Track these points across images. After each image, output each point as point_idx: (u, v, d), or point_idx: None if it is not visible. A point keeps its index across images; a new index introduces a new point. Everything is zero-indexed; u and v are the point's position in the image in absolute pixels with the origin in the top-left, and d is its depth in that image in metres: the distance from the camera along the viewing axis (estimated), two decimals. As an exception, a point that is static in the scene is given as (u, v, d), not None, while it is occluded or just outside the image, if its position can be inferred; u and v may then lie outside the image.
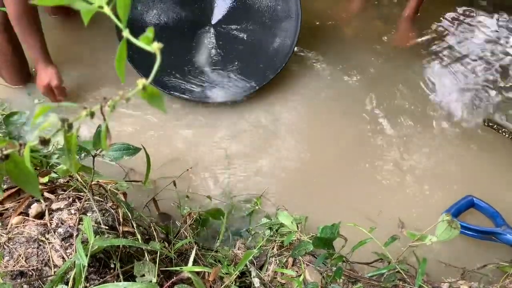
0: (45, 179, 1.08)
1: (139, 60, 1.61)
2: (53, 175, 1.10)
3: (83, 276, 0.83)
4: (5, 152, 0.43)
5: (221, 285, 1.06)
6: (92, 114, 0.40)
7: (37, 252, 0.92)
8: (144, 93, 0.38)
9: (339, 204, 1.49)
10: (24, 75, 1.81)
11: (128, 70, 1.68)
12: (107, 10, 0.38)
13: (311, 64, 1.92)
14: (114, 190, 1.18)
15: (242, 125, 1.70)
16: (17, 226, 0.96)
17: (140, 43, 0.36)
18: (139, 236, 1.04)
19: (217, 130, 1.69)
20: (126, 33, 0.37)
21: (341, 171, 1.58)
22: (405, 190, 1.52)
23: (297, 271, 1.17)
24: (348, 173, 1.58)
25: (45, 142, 0.41)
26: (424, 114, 1.74)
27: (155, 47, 0.35)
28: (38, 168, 1.14)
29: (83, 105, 0.41)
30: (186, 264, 1.05)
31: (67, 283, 0.84)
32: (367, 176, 1.56)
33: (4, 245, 0.93)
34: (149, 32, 0.35)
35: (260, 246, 1.26)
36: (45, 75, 1.63)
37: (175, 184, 1.39)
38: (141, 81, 0.37)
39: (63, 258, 0.92)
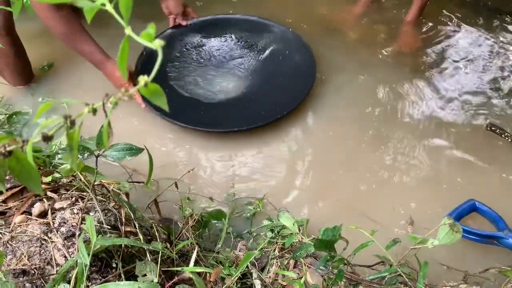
0: (48, 179, 1.08)
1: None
2: (56, 174, 1.10)
3: (85, 275, 0.83)
4: (8, 149, 0.43)
5: (222, 286, 1.07)
6: (94, 111, 0.40)
7: (40, 251, 0.93)
8: (145, 90, 0.38)
9: (341, 206, 1.49)
10: (26, 77, 1.83)
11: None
12: (109, 7, 0.39)
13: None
14: (117, 191, 1.19)
15: (242, 132, 1.69)
16: (20, 225, 0.97)
17: (141, 40, 0.37)
18: (141, 236, 1.04)
19: (219, 136, 1.69)
20: (128, 30, 0.38)
21: (343, 174, 1.58)
22: (407, 194, 1.52)
23: (298, 273, 1.17)
24: (350, 175, 1.58)
25: (47, 138, 0.41)
26: (426, 118, 1.74)
27: (157, 44, 0.36)
28: (41, 167, 1.14)
29: (85, 102, 0.41)
30: (187, 265, 1.05)
31: (69, 282, 0.85)
32: (369, 179, 1.56)
33: (7, 244, 0.93)
34: (151, 29, 0.35)
35: (262, 248, 1.26)
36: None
37: (176, 186, 1.39)
38: (143, 78, 0.37)
39: (65, 257, 0.92)
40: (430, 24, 2.11)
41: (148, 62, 1.74)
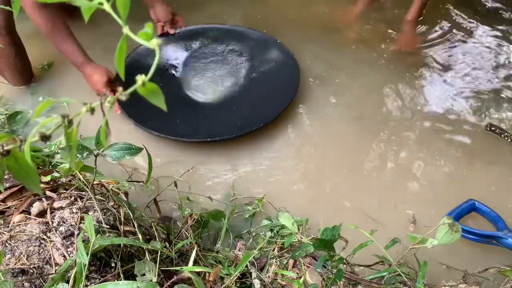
0: (47, 178, 1.08)
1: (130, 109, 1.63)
2: (56, 174, 1.10)
3: (84, 274, 0.83)
4: (6, 148, 0.43)
5: (222, 285, 1.06)
6: (92, 110, 0.40)
7: (39, 250, 0.92)
8: (143, 89, 0.38)
9: (341, 205, 1.49)
10: (27, 77, 1.83)
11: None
12: (107, 7, 0.39)
13: (314, 69, 1.92)
14: (116, 190, 1.19)
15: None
16: (19, 224, 0.97)
17: (139, 39, 0.37)
18: (140, 236, 1.04)
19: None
20: (126, 30, 0.38)
21: (343, 174, 1.58)
22: (407, 194, 1.52)
23: (297, 273, 1.17)
24: (350, 175, 1.58)
25: (45, 137, 0.41)
26: (426, 118, 1.74)
27: (154, 43, 0.36)
28: (40, 167, 1.14)
29: (83, 101, 0.41)
30: (186, 265, 1.05)
31: (68, 282, 0.85)
32: (368, 179, 1.56)
33: (6, 243, 0.93)
34: (148, 28, 0.35)
35: (261, 248, 1.26)
36: (100, 73, 1.60)
37: (176, 185, 1.39)
38: (141, 77, 0.37)
39: (64, 256, 0.92)
40: (431, 23, 2.11)
41: (129, 68, 1.71)
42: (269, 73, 1.87)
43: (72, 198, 1.05)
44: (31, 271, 0.89)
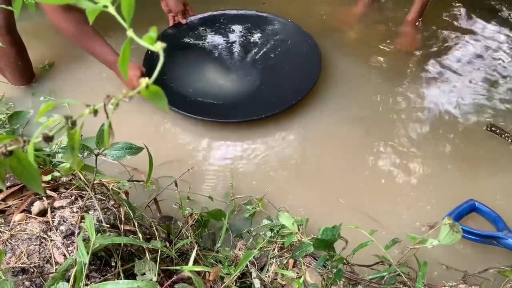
0: (48, 177, 1.08)
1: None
2: (56, 173, 1.10)
3: (84, 273, 0.83)
4: (9, 148, 0.43)
5: (222, 285, 1.07)
6: (95, 112, 0.40)
7: (39, 249, 0.93)
8: (146, 92, 0.38)
9: (342, 205, 1.49)
10: (27, 76, 1.82)
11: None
12: (111, 9, 0.39)
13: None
14: (116, 189, 1.19)
15: (244, 128, 1.70)
16: (20, 223, 0.97)
17: (143, 42, 0.37)
18: (140, 235, 1.04)
19: (219, 132, 1.70)
20: (130, 32, 0.38)
21: (343, 173, 1.59)
22: (407, 194, 1.52)
23: (297, 273, 1.17)
24: (350, 175, 1.58)
25: (48, 138, 0.41)
26: (426, 118, 1.75)
27: (158, 47, 0.36)
28: (41, 166, 1.14)
29: (87, 102, 0.41)
30: (186, 264, 1.05)
31: (68, 281, 0.85)
32: (369, 179, 1.57)
33: (7, 242, 0.93)
34: (153, 32, 0.36)
35: (261, 247, 1.26)
36: (134, 69, 1.62)
37: (176, 185, 1.39)
38: (144, 80, 0.37)
39: (64, 255, 0.92)
40: (431, 24, 2.11)
41: (155, 60, 1.74)
42: (287, 56, 1.91)
43: (73, 197, 1.05)
44: (32, 270, 0.89)
